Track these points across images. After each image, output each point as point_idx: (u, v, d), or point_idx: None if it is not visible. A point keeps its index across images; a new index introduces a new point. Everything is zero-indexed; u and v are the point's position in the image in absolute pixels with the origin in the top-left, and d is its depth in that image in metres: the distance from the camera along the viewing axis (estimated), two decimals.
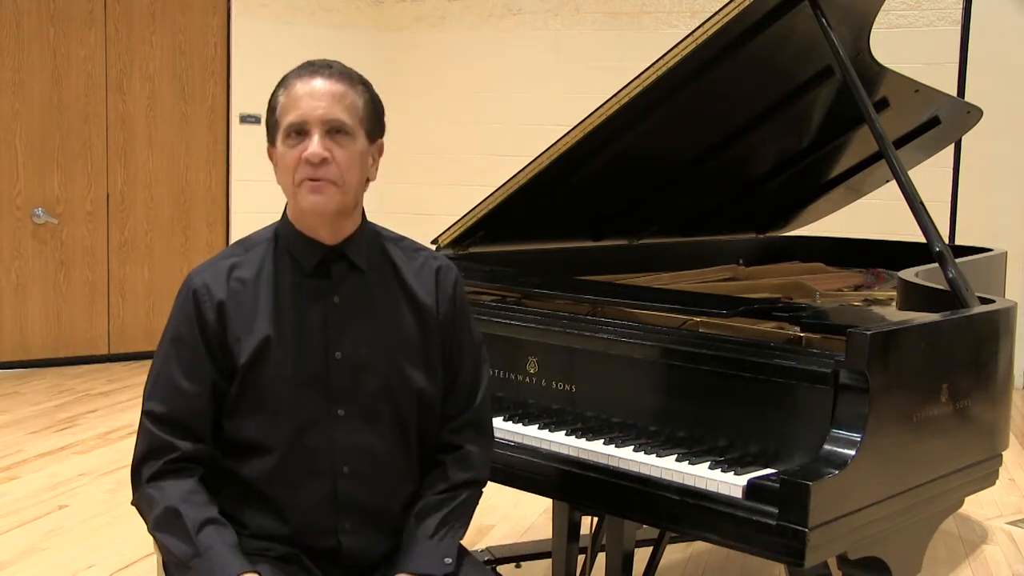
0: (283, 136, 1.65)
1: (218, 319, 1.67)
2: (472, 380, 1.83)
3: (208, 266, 1.73)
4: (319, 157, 1.61)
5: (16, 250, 6.06)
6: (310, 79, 1.65)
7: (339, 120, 1.63)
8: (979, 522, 3.84)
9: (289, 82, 1.67)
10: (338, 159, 1.63)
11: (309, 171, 1.62)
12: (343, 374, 1.70)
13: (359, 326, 1.72)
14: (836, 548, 1.77)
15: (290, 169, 1.64)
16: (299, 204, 1.66)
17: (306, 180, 1.63)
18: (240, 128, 6.66)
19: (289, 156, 1.64)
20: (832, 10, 2.37)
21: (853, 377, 1.76)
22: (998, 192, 6.15)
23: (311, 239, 1.70)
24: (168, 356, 1.69)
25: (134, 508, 1.70)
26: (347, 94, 1.65)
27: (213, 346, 1.67)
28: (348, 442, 1.70)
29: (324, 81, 1.64)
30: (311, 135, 1.62)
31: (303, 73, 1.66)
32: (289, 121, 1.63)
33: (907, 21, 6.17)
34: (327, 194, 1.63)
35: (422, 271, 1.79)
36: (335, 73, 1.66)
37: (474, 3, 7.03)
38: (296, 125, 1.63)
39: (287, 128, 1.63)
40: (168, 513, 1.62)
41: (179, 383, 1.66)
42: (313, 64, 1.67)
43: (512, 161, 2.76)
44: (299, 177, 1.64)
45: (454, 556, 1.73)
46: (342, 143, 1.64)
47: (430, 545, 1.72)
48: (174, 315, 1.71)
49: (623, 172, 2.83)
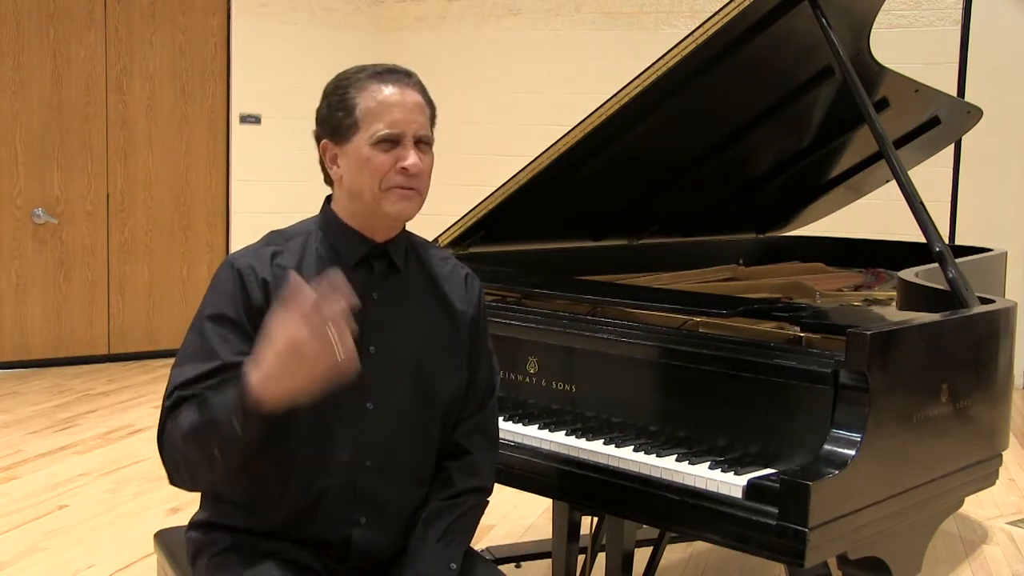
0: (372, 140, 1.67)
1: (263, 295, 1.65)
2: (486, 386, 1.86)
3: (250, 252, 1.72)
4: (419, 168, 1.68)
5: (16, 250, 6.06)
6: (398, 89, 1.69)
7: (428, 135, 1.71)
8: (979, 522, 3.84)
9: (367, 85, 1.68)
10: (424, 170, 1.70)
11: (403, 180, 1.67)
12: (376, 369, 1.71)
13: (395, 323, 1.74)
14: (836, 548, 1.77)
15: (378, 173, 1.67)
16: (383, 208, 1.69)
17: (397, 187, 1.68)
18: (240, 128, 6.66)
19: (381, 161, 1.67)
20: (832, 10, 2.37)
21: (853, 377, 1.76)
22: (998, 192, 6.15)
23: (360, 235, 1.73)
24: (204, 330, 1.65)
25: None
26: (427, 107, 1.72)
27: (257, 323, 1.62)
28: (373, 436, 1.71)
29: (412, 93, 1.70)
30: (406, 146, 1.67)
31: (387, 78, 1.69)
32: (385, 131, 1.66)
33: (907, 21, 6.17)
34: (414, 202, 1.70)
35: (452, 276, 1.84)
36: (416, 84, 1.72)
37: (474, 3, 7.03)
38: (392, 134, 1.67)
39: (383, 135, 1.67)
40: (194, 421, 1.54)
41: (217, 349, 1.62)
42: (393, 71, 1.71)
43: (512, 161, 2.76)
44: (390, 183, 1.68)
45: (459, 563, 1.74)
46: (426, 153, 1.71)
47: (436, 549, 1.73)
48: (213, 294, 1.68)
49: (623, 172, 2.83)
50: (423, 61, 6.96)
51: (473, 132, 6.93)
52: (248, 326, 1.63)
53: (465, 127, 6.94)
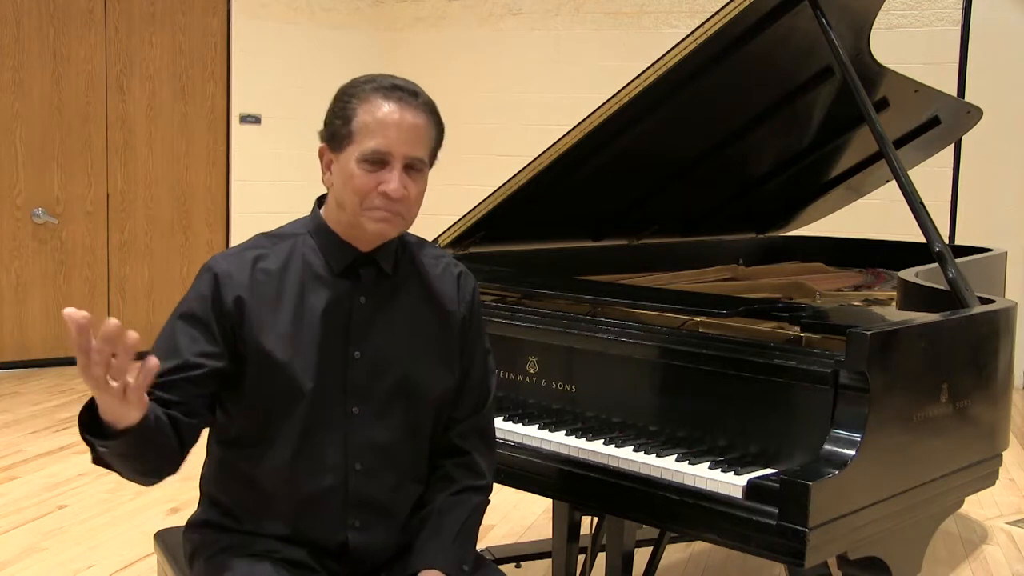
0: (360, 158, 1.63)
1: (237, 310, 1.66)
2: (481, 386, 1.85)
3: (232, 254, 1.72)
4: (400, 195, 1.64)
5: (16, 250, 6.06)
6: (399, 108, 1.64)
7: (420, 159, 1.66)
8: (979, 522, 3.84)
9: (370, 98, 1.64)
10: (411, 194, 1.66)
11: (384, 203, 1.64)
12: (361, 372, 1.71)
13: (381, 326, 1.73)
14: (836, 548, 1.77)
15: (359, 193, 1.64)
16: (363, 225, 1.67)
17: (377, 209, 1.64)
18: (240, 128, 6.66)
19: (364, 180, 1.64)
20: (832, 10, 2.37)
21: (853, 377, 1.76)
22: (998, 192, 6.15)
23: (346, 243, 1.72)
24: (174, 329, 1.66)
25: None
26: (429, 129, 1.67)
27: (226, 330, 1.65)
28: (361, 439, 1.71)
29: (412, 114, 1.65)
30: (392, 168, 1.64)
31: (390, 95, 1.65)
32: (373, 148, 1.63)
33: (907, 21, 6.17)
34: (394, 224, 1.67)
35: (444, 275, 1.82)
36: (421, 104, 1.67)
37: (474, 3, 7.03)
38: (380, 154, 1.63)
39: (369, 153, 1.63)
40: None
41: (181, 349, 1.63)
42: (400, 88, 1.66)
43: (512, 161, 2.76)
44: (371, 204, 1.65)
45: (471, 565, 1.75)
46: (415, 179, 1.67)
47: (452, 549, 1.73)
48: (189, 295, 1.69)
49: (623, 172, 2.83)
50: (423, 61, 6.98)
51: (473, 132, 6.93)
52: (216, 329, 1.65)
53: (465, 127, 6.92)
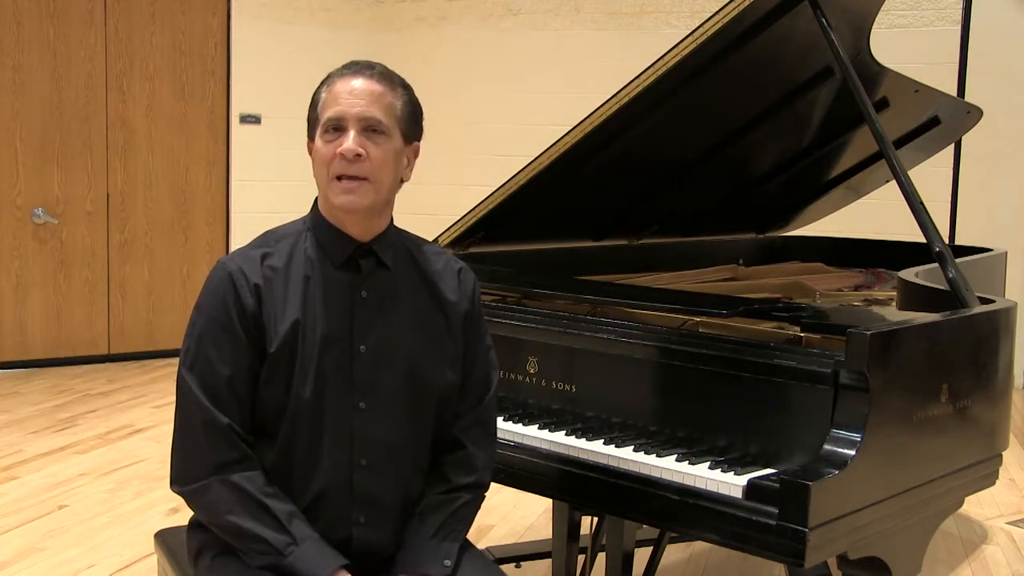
0: (321, 131, 1.69)
1: (256, 301, 1.68)
2: (483, 380, 1.86)
3: (240, 254, 1.74)
4: (353, 152, 1.66)
5: (16, 250, 6.06)
6: (351, 78, 1.70)
7: (375, 118, 1.68)
8: (979, 522, 3.84)
9: (331, 80, 1.72)
10: (372, 156, 1.67)
11: (343, 167, 1.67)
12: (366, 367, 1.72)
13: (385, 321, 1.74)
14: (836, 548, 1.77)
15: (325, 163, 1.68)
16: (332, 199, 1.70)
17: (340, 177, 1.67)
18: (240, 128, 6.66)
19: (325, 150, 1.68)
20: (832, 10, 2.37)
21: (853, 377, 1.76)
22: (998, 192, 6.15)
23: (342, 233, 1.74)
24: (203, 338, 1.68)
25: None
26: (385, 94, 1.70)
27: (250, 328, 1.67)
28: (367, 435, 1.72)
29: (364, 80, 1.69)
30: (347, 131, 1.67)
31: (345, 72, 1.71)
32: (328, 117, 1.68)
33: (907, 21, 6.17)
34: (359, 193, 1.68)
35: (445, 271, 1.84)
36: (376, 74, 1.71)
37: (474, 3, 7.03)
38: (333, 121, 1.67)
39: (325, 123, 1.68)
40: (254, 504, 1.63)
41: (219, 369, 1.66)
42: (356, 64, 1.73)
43: (512, 161, 2.76)
44: (333, 172, 1.68)
45: (453, 558, 1.74)
46: (377, 141, 1.68)
47: (431, 545, 1.73)
48: (207, 300, 1.71)
49: (623, 172, 2.83)
50: (423, 61, 6.98)
51: (473, 132, 6.93)
52: (241, 331, 1.66)
53: (465, 127, 6.94)
